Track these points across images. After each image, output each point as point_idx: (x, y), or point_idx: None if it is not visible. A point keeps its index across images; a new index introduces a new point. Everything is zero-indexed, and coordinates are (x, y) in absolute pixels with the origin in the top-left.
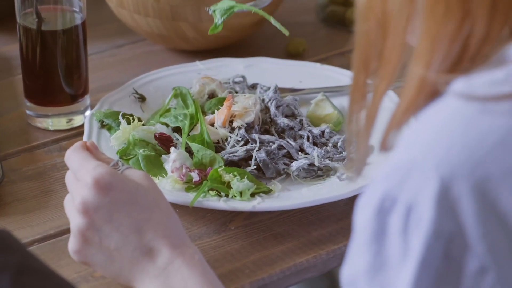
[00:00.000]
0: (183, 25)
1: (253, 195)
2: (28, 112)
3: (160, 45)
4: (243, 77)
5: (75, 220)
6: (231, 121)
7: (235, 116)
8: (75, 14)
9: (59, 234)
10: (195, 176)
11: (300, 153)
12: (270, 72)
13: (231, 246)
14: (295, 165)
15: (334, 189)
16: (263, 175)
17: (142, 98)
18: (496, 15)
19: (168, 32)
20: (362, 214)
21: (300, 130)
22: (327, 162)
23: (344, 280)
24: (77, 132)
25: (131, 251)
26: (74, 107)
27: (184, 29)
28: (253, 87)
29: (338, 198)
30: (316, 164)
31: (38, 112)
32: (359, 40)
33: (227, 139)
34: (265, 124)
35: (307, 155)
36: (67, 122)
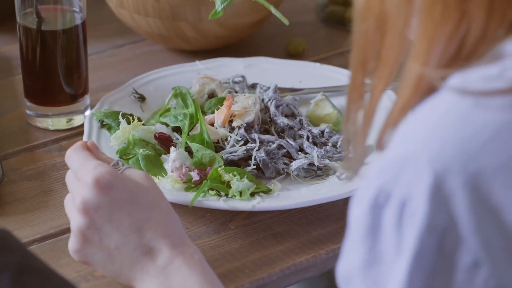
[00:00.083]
0: (183, 25)
1: (252, 194)
2: (28, 112)
3: (160, 45)
4: (243, 77)
5: (75, 219)
6: (231, 120)
7: (234, 116)
8: (75, 14)
9: (59, 233)
10: (195, 175)
11: (299, 152)
12: (270, 72)
13: (230, 245)
14: (294, 164)
15: (334, 188)
16: (262, 175)
17: (142, 98)
18: (493, 15)
19: (168, 32)
20: (357, 209)
21: (299, 129)
22: (327, 161)
23: (339, 276)
24: (77, 132)
25: (131, 250)
26: (74, 107)
27: (184, 29)
28: (253, 87)
29: (338, 197)
30: (316, 163)
31: (38, 112)
32: (357, 40)
33: (226, 139)
34: (264, 124)
35: (306, 155)
36: (67, 122)
